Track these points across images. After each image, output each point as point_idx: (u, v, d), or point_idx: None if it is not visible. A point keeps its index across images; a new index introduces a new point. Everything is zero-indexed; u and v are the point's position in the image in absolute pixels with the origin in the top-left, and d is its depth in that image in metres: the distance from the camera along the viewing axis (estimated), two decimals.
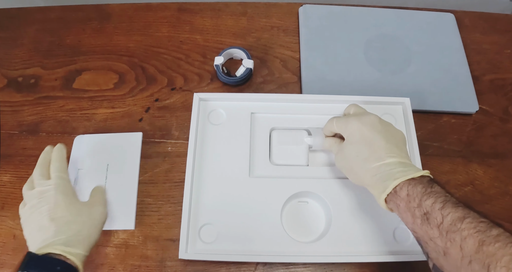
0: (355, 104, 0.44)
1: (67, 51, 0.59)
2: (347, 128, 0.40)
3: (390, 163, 0.36)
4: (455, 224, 0.29)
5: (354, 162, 0.39)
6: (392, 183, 0.34)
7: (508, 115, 0.55)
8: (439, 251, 0.30)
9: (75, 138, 0.51)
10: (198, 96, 0.49)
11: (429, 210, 0.31)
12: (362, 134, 0.39)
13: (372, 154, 0.37)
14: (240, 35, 0.60)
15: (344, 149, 0.40)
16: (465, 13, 0.63)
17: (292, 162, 0.47)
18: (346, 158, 0.40)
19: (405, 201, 0.33)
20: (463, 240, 0.28)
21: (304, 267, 0.45)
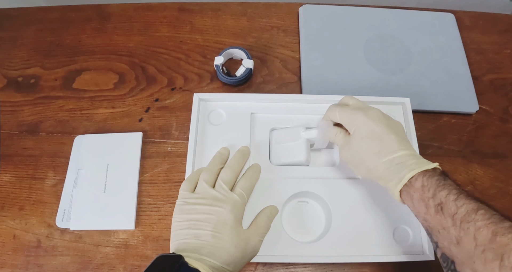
0: (352, 97, 0.44)
1: (67, 51, 0.59)
2: (353, 122, 0.40)
3: (402, 155, 0.37)
4: (469, 215, 0.30)
5: (366, 156, 0.38)
6: (408, 174, 0.35)
7: (508, 115, 0.55)
8: (452, 240, 0.31)
9: (75, 138, 0.52)
10: (198, 97, 0.49)
11: (444, 201, 0.32)
12: (371, 128, 0.38)
13: (384, 148, 0.37)
14: (240, 35, 0.60)
15: (352, 143, 0.40)
16: (465, 13, 0.63)
17: (291, 159, 0.46)
18: (356, 152, 0.39)
19: (420, 191, 0.34)
20: (477, 230, 0.29)
21: (304, 267, 0.45)
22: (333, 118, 0.43)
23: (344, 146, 0.41)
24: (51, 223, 0.47)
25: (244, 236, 0.38)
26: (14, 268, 0.45)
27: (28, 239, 0.46)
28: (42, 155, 0.51)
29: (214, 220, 0.37)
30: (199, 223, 0.37)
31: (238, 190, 0.40)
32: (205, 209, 0.38)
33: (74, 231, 0.47)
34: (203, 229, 0.36)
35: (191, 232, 0.37)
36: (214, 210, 0.38)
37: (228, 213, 0.37)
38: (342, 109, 0.41)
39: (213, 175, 0.41)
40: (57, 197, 0.48)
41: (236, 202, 0.39)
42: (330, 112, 0.43)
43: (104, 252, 0.46)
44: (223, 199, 0.38)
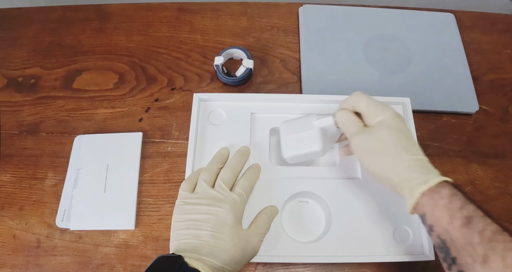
0: (367, 96, 0.40)
1: (67, 51, 0.59)
2: (382, 112, 0.38)
3: (425, 160, 0.36)
4: (497, 234, 0.29)
5: (390, 148, 0.36)
6: (437, 178, 0.33)
7: (508, 115, 0.55)
8: (477, 258, 0.29)
9: (75, 138, 0.52)
10: (198, 97, 0.49)
11: (473, 215, 0.30)
12: (400, 124, 0.37)
13: (411, 145, 0.36)
14: (240, 35, 0.60)
15: (375, 131, 0.37)
16: (465, 13, 0.63)
17: (305, 150, 0.42)
18: (377, 142, 0.36)
19: (447, 199, 0.32)
20: (506, 251, 0.28)
21: (304, 267, 0.45)
22: (357, 106, 0.40)
23: (360, 133, 0.38)
24: (51, 223, 0.47)
25: (243, 236, 0.38)
26: (14, 268, 0.45)
27: (28, 239, 0.46)
28: (42, 155, 0.51)
29: (214, 220, 0.37)
30: (199, 223, 0.37)
31: (238, 190, 0.40)
32: (204, 209, 0.38)
33: (74, 231, 0.47)
34: (203, 229, 0.36)
35: (191, 232, 0.37)
36: (213, 210, 0.38)
37: (227, 212, 0.37)
38: (369, 97, 0.39)
39: (212, 174, 0.41)
40: (57, 197, 0.48)
41: (236, 201, 0.39)
42: (355, 99, 0.40)
43: (104, 252, 0.46)
44: (223, 198, 0.38)
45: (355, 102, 0.40)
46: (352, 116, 0.40)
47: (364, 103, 0.39)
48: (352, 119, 0.39)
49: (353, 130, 0.39)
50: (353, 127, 0.39)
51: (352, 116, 0.40)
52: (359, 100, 0.39)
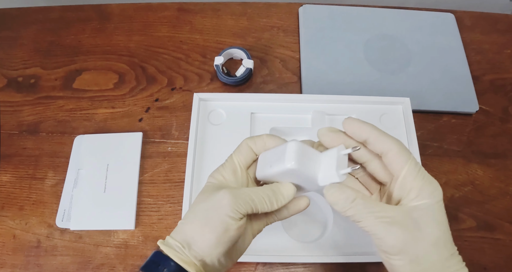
0: (378, 131, 0.29)
1: (67, 51, 0.59)
2: (430, 185, 0.27)
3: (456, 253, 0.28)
4: None
5: (436, 254, 0.26)
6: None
7: (508, 115, 0.55)
8: None
9: (75, 138, 0.52)
10: (198, 96, 0.49)
11: None
12: (442, 205, 0.27)
13: (449, 237, 0.27)
14: (240, 35, 0.60)
15: (424, 225, 0.26)
16: (465, 13, 0.63)
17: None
18: (423, 243, 0.26)
19: None
20: None
21: (304, 267, 0.45)
22: (377, 147, 0.29)
23: (396, 226, 0.26)
24: (51, 223, 0.47)
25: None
26: (14, 268, 0.45)
27: (28, 239, 0.46)
28: (42, 155, 0.51)
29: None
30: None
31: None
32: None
33: (74, 231, 0.47)
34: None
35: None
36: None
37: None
38: (402, 146, 0.28)
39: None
40: (57, 197, 0.48)
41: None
42: (375, 139, 0.28)
43: (104, 252, 0.45)
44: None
45: (376, 144, 0.29)
46: (355, 190, 0.28)
47: (401, 162, 0.28)
48: (362, 196, 0.28)
49: (377, 214, 0.27)
50: (373, 208, 0.27)
51: (355, 190, 0.28)
52: (382, 143, 0.28)
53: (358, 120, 0.30)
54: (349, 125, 0.30)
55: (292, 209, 0.33)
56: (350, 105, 0.50)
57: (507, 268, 0.45)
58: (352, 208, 0.27)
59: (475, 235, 0.47)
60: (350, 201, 0.27)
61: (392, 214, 0.27)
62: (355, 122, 0.29)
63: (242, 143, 0.33)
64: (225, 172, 0.32)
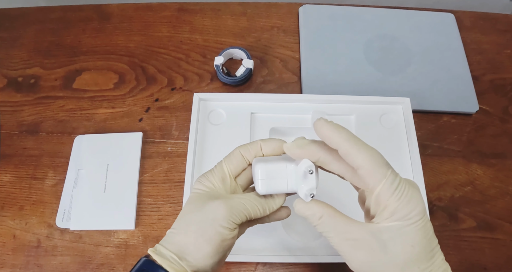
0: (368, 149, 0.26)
1: (67, 51, 0.59)
2: (407, 206, 0.25)
3: (443, 258, 0.27)
4: None
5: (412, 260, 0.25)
6: None
7: (508, 115, 0.55)
8: None
9: (75, 138, 0.52)
10: (198, 96, 0.49)
11: None
12: (425, 217, 0.26)
13: (434, 242, 0.26)
14: (240, 35, 0.60)
15: (393, 246, 0.25)
16: (465, 13, 0.63)
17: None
18: (393, 260, 0.25)
19: None
20: None
21: (304, 267, 0.45)
22: (350, 159, 0.26)
23: (365, 250, 0.26)
24: (51, 223, 0.47)
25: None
26: (14, 268, 0.45)
27: (28, 239, 0.46)
28: (42, 155, 0.51)
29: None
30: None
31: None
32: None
33: (74, 231, 0.47)
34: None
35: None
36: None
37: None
38: (381, 165, 0.26)
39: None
40: (57, 197, 0.48)
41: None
42: (345, 148, 0.26)
43: (104, 252, 0.45)
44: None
45: (347, 154, 0.26)
46: (324, 207, 0.28)
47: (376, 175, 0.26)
48: (328, 213, 0.27)
49: (342, 233, 0.26)
50: (338, 226, 0.27)
51: (324, 207, 0.28)
52: (353, 157, 0.26)
53: (329, 124, 0.27)
54: (319, 129, 0.27)
55: (273, 217, 0.33)
56: (350, 105, 0.50)
57: (507, 268, 0.45)
58: (319, 225, 0.28)
59: (475, 235, 0.47)
60: (317, 218, 0.27)
61: (358, 236, 0.26)
62: (325, 128, 0.27)
63: (234, 151, 0.32)
64: (214, 179, 0.32)
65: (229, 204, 0.29)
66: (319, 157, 0.29)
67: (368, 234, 0.26)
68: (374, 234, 0.25)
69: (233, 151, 0.33)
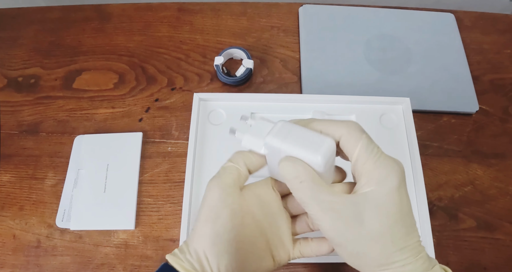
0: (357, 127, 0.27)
1: (67, 51, 0.59)
2: (383, 169, 0.25)
3: (420, 241, 0.26)
4: None
5: (383, 227, 0.25)
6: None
7: (508, 115, 0.55)
8: None
9: (75, 138, 0.52)
10: (198, 96, 0.49)
11: None
12: (402, 189, 0.25)
13: (410, 220, 0.26)
14: (240, 35, 0.60)
15: (368, 216, 0.24)
16: (465, 13, 0.63)
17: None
18: (368, 231, 0.25)
19: None
20: None
21: (304, 267, 0.45)
22: (334, 133, 0.27)
23: (335, 212, 0.25)
24: (51, 223, 0.47)
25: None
26: (14, 268, 0.45)
27: (28, 239, 0.46)
28: (42, 155, 0.51)
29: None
30: None
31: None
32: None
33: (74, 231, 0.47)
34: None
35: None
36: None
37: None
38: (356, 135, 0.26)
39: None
40: (57, 197, 0.48)
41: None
42: (329, 126, 0.27)
43: (104, 252, 0.45)
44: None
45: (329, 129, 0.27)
46: (309, 171, 0.26)
47: (351, 145, 0.26)
48: (312, 178, 0.25)
49: (322, 202, 0.25)
50: (320, 194, 0.25)
51: (309, 171, 0.26)
52: (333, 129, 0.27)
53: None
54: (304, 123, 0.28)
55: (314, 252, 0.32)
56: (350, 105, 0.50)
57: (507, 268, 0.45)
58: (299, 190, 0.26)
59: (475, 235, 0.47)
60: (298, 181, 0.25)
61: (337, 206, 0.25)
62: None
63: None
64: (232, 180, 0.31)
65: (220, 178, 0.31)
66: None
67: (347, 205, 0.25)
68: (352, 204, 0.25)
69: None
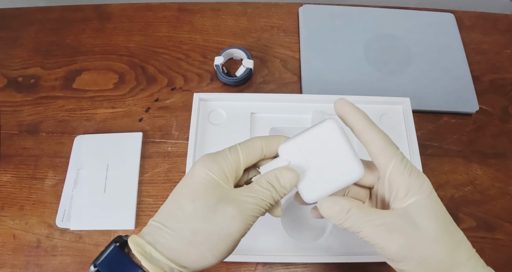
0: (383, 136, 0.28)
1: (67, 51, 0.59)
2: (417, 179, 0.27)
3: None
4: None
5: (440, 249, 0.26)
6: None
7: (508, 115, 0.55)
8: None
9: (75, 138, 0.52)
10: (198, 96, 0.49)
11: None
12: (434, 192, 0.27)
13: (449, 217, 0.28)
14: (240, 35, 0.60)
15: (416, 206, 0.26)
16: (465, 13, 0.63)
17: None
18: (426, 244, 0.25)
19: None
20: None
21: (304, 267, 0.45)
22: (365, 138, 0.28)
23: (401, 235, 0.26)
24: (51, 223, 0.47)
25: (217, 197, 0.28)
26: (14, 268, 0.45)
27: (28, 239, 0.46)
28: (42, 155, 0.51)
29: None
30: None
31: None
32: None
33: (74, 231, 0.47)
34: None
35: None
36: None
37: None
38: (388, 140, 0.28)
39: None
40: (57, 197, 0.48)
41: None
42: (362, 129, 0.28)
43: None
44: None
45: (363, 134, 0.28)
46: (349, 199, 0.27)
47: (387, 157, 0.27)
48: (357, 205, 0.27)
49: (373, 222, 0.26)
50: (369, 216, 0.26)
51: (349, 199, 0.27)
52: (368, 134, 0.28)
53: (350, 104, 0.28)
54: (339, 107, 0.29)
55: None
56: None
57: (507, 268, 0.45)
58: (348, 219, 0.26)
59: (475, 235, 0.47)
60: (345, 213, 0.26)
61: (389, 220, 0.26)
62: (345, 107, 0.28)
63: (254, 141, 0.29)
64: (227, 168, 0.28)
65: (244, 213, 0.26)
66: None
67: (397, 217, 0.26)
68: (401, 216, 0.26)
69: (252, 141, 0.29)
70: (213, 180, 0.27)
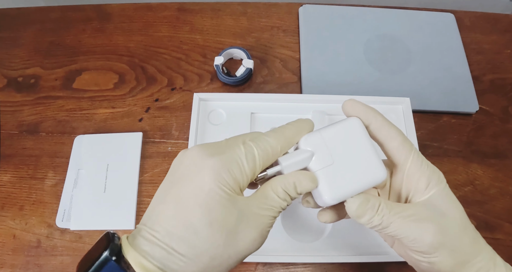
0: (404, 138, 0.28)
1: (67, 51, 0.59)
2: (435, 172, 0.28)
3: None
4: None
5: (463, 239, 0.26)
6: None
7: (508, 115, 0.55)
8: None
9: (75, 138, 0.52)
10: (198, 96, 0.49)
11: None
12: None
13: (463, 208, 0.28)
14: (240, 35, 0.60)
15: (438, 196, 0.27)
16: (465, 13, 0.63)
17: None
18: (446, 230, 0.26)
19: None
20: None
21: (304, 267, 0.45)
22: (384, 140, 0.28)
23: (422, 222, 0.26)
24: (51, 223, 0.47)
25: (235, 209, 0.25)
26: (14, 268, 0.45)
27: (28, 239, 0.46)
28: (42, 155, 0.51)
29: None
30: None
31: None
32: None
33: (74, 231, 0.47)
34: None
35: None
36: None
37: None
38: (407, 141, 0.28)
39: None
40: (57, 197, 0.48)
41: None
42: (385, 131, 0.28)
43: None
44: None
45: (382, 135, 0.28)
46: (376, 196, 0.27)
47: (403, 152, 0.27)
48: (384, 200, 0.26)
49: (409, 219, 0.26)
50: (396, 209, 0.26)
51: (376, 196, 0.27)
52: (385, 131, 0.28)
53: (362, 103, 0.28)
54: (351, 107, 0.28)
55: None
56: None
57: None
58: (378, 215, 0.25)
59: None
60: (376, 209, 0.25)
61: (417, 211, 0.26)
62: (358, 106, 0.28)
63: (272, 144, 0.26)
64: (243, 178, 0.25)
65: (263, 231, 0.25)
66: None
67: (423, 208, 0.26)
68: (427, 207, 0.26)
69: (271, 143, 0.26)
70: (228, 195, 0.24)
